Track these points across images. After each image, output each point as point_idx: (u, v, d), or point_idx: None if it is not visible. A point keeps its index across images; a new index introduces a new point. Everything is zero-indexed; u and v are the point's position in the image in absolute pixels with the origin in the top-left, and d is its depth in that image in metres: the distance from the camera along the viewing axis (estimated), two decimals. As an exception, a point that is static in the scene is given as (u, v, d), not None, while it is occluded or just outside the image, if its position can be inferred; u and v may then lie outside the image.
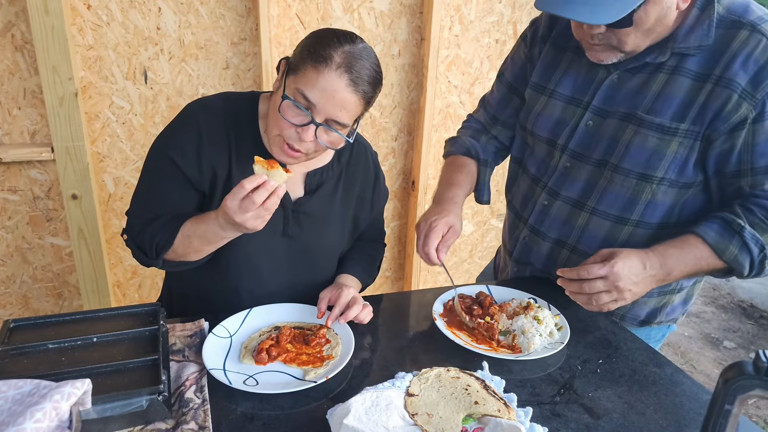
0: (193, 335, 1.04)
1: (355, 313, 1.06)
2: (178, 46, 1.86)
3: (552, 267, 1.30)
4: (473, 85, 2.36)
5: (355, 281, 1.23)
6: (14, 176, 1.81)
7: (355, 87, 0.96)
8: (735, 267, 1.06)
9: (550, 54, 1.27)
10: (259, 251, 1.13)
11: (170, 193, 1.06)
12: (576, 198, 1.22)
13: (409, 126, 2.32)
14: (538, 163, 1.31)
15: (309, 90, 0.95)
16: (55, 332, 0.94)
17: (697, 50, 1.05)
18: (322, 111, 0.97)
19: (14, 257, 1.91)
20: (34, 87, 1.73)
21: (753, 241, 1.04)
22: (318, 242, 1.18)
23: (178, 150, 1.04)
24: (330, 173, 1.17)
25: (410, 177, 2.39)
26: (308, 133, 0.98)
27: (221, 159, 1.06)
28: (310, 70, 0.95)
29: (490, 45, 2.33)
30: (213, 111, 1.07)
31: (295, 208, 1.14)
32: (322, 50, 0.95)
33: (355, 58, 0.96)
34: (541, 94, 1.27)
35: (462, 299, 1.18)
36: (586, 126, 1.18)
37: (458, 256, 2.63)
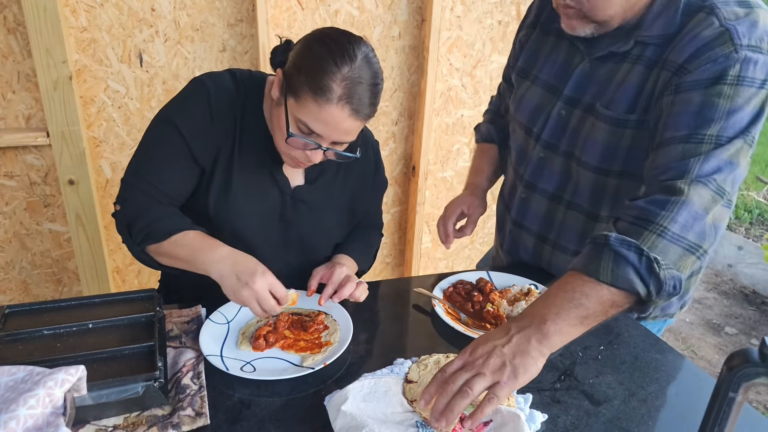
0: (190, 321, 1.03)
1: (349, 292, 1.03)
2: (174, 27, 1.82)
3: (539, 262, 1.28)
4: (475, 68, 2.32)
5: (351, 261, 1.20)
6: (10, 161, 1.80)
7: (357, 115, 0.94)
8: (625, 287, 0.81)
9: (537, 39, 1.24)
10: (256, 237, 1.12)
11: (171, 166, 1.02)
12: (552, 191, 1.18)
13: (410, 110, 2.29)
14: (516, 152, 1.29)
15: (312, 123, 0.94)
16: (51, 318, 0.93)
17: (659, 39, 0.98)
18: (328, 138, 0.96)
19: (12, 243, 1.90)
20: (28, 70, 1.70)
21: (624, 246, 0.82)
22: (315, 230, 1.17)
23: (186, 121, 1.01)
24: (330, 162, 1.14)
25: (411, 162, 2.36)
26: (316, 156, 0.99)
27: (227, 137, 1.04)
28: (310, 102, 0.92)
29: (492, 26, 2.28)
30: (223, 87, 1.04)
31: (294, 196, 1.12)
32: (321, 80, 0.90)
33: (355, 84, 0.91)
34: (525, 79, 1.24)
35: (462, 286, 1.16)
36: (558, 115, 1.14)
37: (459, 242, 2.61)
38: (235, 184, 1.07)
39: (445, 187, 2.47)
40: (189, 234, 1.01)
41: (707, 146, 0.88)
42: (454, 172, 2.46)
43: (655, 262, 0.81)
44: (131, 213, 1.03)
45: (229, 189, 1.06)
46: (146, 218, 1.02)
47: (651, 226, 0.84)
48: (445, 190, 2.48)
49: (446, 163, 2.43)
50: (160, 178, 1.03)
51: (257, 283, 0.93)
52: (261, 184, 1.09)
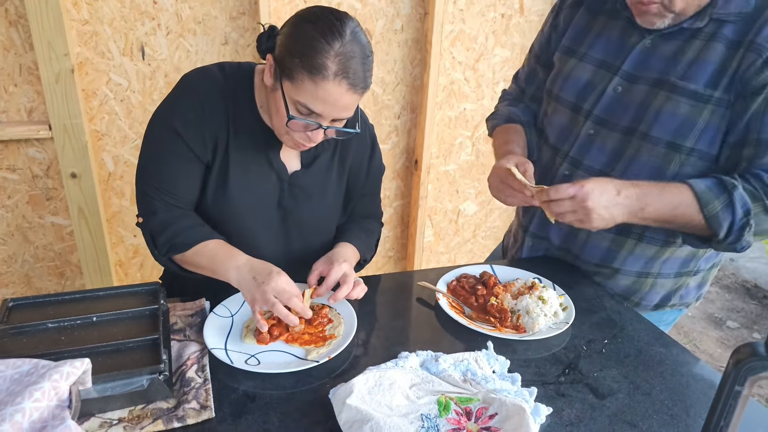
0: (194, 315, 1.03)
1: (345, 294, 1.02)
2: (176, 20, 1.81)
3: (572, 244, 1.27)
4: (478, 61, 2.31)
5: (353, 250, 1.19)
6: (12, 155, 1.79)
7: (354, 89, 0.94)
8: (713, 225, 1.00)
9: (583, 18, 1.24)
10: (256, 225, 1.13)
11: (181, 172, 1.05)
12: (600, 168, 1.18)
13: (412, 103, 2.28)
14: (559, 130, 1.28)
15: (310, 102, 0.94)
16: (55, 311, 0.93)
17: (737, 17, 1.02)
18: (328, 116, 0.97)
19: (15, 236, 1.90)
20: (29, 63, 1.70)
21: (740, 203, 0.99)
22: (313, 215, 1.18)
23: (181, 121, 1.02)
24: (326, 145, 1.16)
25: (413, 156, 2.36)
26: (317, 135, 1.00)
27: (221, 127, 1.05)
28: (306, 82, 0.92)
29: (495, 19, 2.27)
30: (212, 80, 1.05)
31: (291, 181, 1.13)
32: (314, 59, 0.90)
33: (348, 59, 0.92)
34: (571, 57, 1.24)
35: (466, 279, 1.16)
36: (614, 91, 1.15)
37: (461, 236, 2.61)
38: (233, 174, 1.07)
39: (448, 180, 2.47)
40: (209, 244, 1.05)
41: None
42: (456, 165, 2.45)
43: (749, 227, 0.99)
44: (154, 226, 1.06)
45: (226, 179, 1.07)
46: (169, 231, 1.05)
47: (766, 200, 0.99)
48: (447, 184, 2.47)
49: (449, 156, 2.43)
50: (174, 185, 1.06)
51: (273, 280, 0.95)
52: (258, 172, 1.10)
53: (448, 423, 0.75)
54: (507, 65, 2.37)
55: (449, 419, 0.76)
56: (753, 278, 3.41)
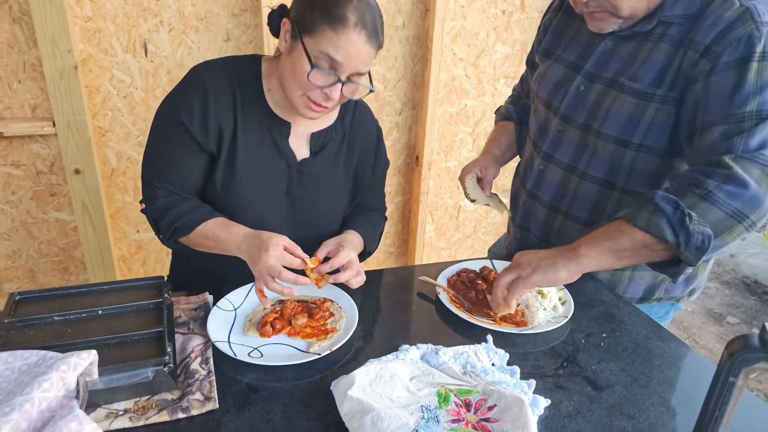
0: (197, 308, 1.05)
1: (346, 278, 1.04)
2: (178, 17, 1.82)
3: (548, 234, 1.32)
4: (479, 58, 2.32)
5: (359, 239, 1.21)
6: (17, 151, 1.81)
7: (371, 40, 0.99)
8: (654, 231, 0.93)
9: (561, 22, 1.31)
10: (265, 212, 1.15)
11: (181, 158, 1.07)
12: (567, 162, 1.24)
13: (413, 100, 2.29)
14: (537, 127, 1.34)
15: (333, 52, 0.97)
16: (61, 305, 0.94)
17: (682, 19, 1.04)
18: (347, 69, 1.00)
19: (19, 232, 1.92)
20: (33, 60, 1.71)
21: (664, 201, 0.94)
22: (321, 202, 1.20)
23: (185, 110, 1.05)
24: (334, 134, 1.18)
25: (414, 152, 2.37)
26: (336, 91, 1.01)
27: (227, 117, 1.07)
28: (328, 32, 0.96)
29: (496, 16, 2.27)
30: (217, 71, 1.08)
31: (300, 169, 1.15)
32: (335, 10, 0.96)
33: (365, 11, 0.98)
34: (548, 59, 1.31)
35: (466, 274, 1.18)
36: (576, 90, 1.20)
37: (462, 231, 2.62)
38: (241, 162, 1.09)
39: (449, 177, 2.48)
40: (209, 224, 1.07)
41: (749, 123, 0.94)
42: (457, 162, 2.46)
43: (688, 217, 0.91)
44: (156, 212, 1.09)
45: (233, 168, 1.09)
46: (170, 215, 1.07)
47: (696, 189, 0.94)
48: (448, 180, 2.48)
49: (449, 153, 2.44)
50: (175, 172, 1.08)
51: (263, 257, 0.96)
52: (267, 159, 1.12)
53: (447, 414, 0.76)
54: (508, 62, 2.38)
55: (449, 410, 0.77)
56: (753, 274, 3.42)
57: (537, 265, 1.00)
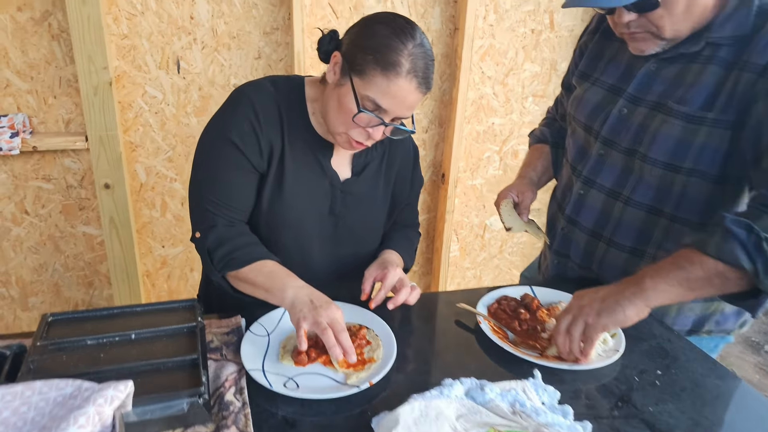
0: (230, 332, 1.01)
1: (404, 298, 1.05)
2: (211, 35, 1.83)
3: (590, 261, 1.26)
4: (507, 76, 2.29)
5: (398, 257, 1.22)
6: (49, 165, 1.82)
7: (421, 87, 0.98)
8: (728, 259, 0.86)
9: (598, 44, 1.28)
10: (309, 231, 1.14)
11: (237, 180, 1.06)
12: (610, 187, 1.19)
13: (441, 117, 2.26)
14: (576, 151, 1.30)
15: (380, 98, 0.97)
16: (93, 327, 0.92)
17: (731, 40, 1.00)
18: (392, 113, 0.99)
19: (47, 245, 1.93)
20: (69, 76, 1.73)
21: (735, 224, 0.87)
22: (363, 221, 1.19)
23: (236, 130, 1.04)
24: (374, 153, 1.18)
25: (440, 170, 2.33)
26: (378, 133, 1.01)
27: (276, 137, 1.07)
28: (379, 78, 0.95)
29: (525, 35, 2.25)
30: (263, 91, 1.07)
31: (343, 189, 1.14)
32: (389, 56, 0.94)
33: (420, 59, 0.96)
34: (585, 82, 1.28)
35: (507, 302, 1.13)
36: (619, 113, 1.16)
37: (487, 251, 2.57)
38: (288, 181, 1.09)
39: (475, 195, 2.44)
40: (268, 263, 1.05)
41: None
42: (483, 180, 2.42)
43: (765, 241, 0.85)
44: (212, 241, 1.06)
45: (281, 187, 1.09)
46: (227, 246, 1.05)
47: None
48: (474, 199, 2.44)
49: (476, 171, 2.40)
50: (232, 196, 1.07)
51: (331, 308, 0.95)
52: (312, 179, 1.12)
53: (497, 458, 0.71)
54: (536, 80, 2.34)
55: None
56: (789, 301, 3.28)
57: (600, 307, 0.93)
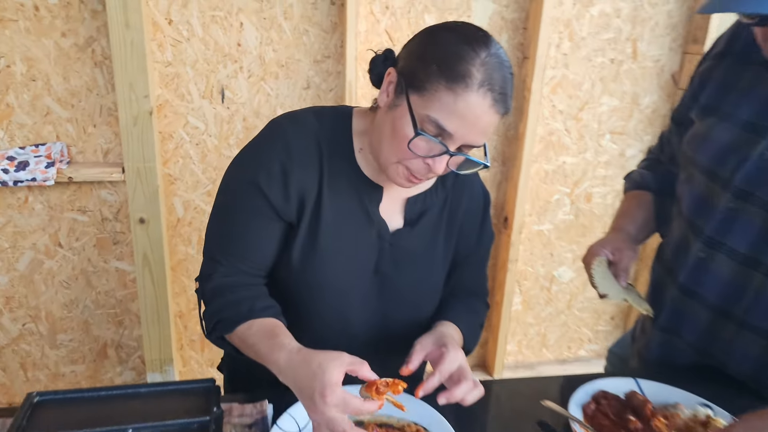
0: (253, 424, 0.81)
1: (462, 395, 0.77)
2: (258, 63, 1.71)
3: (711, 345, 0.99)
4: (582, 111, 2.05)
5: (459, 335, 0.95)
6: (85, 196, 1.72)
7: (497, 106, 0.76)
8: None
9: (729, 71, 1.01)
10: (347, 293, 0.92)
11: (255, 228, 0.88)
12: (745, 252, 0.92)
13: (504, 155, 2.04)
14: (694, 202, 1.03)
15: (444, 118, 0.75)
16: (85, 413, 0.74)
17: None
18: (460, 139, 0.77)
19: (79, 280, 1.82)
20: (110, 104, 1.64)
21: None
22: (416, 282, 0.96)
23: (263, 171, 0.85)
24: (434, 199, 0.95)
25: (503, 212, 2.10)
26: (441, 164, 0.79)
27: (311, 181, 0.87)
28: (443, 93, 0.74)
29: (603, 65, 2.01)
30: (303, 125, 0.88)
31: (393, 241, 0.92)
32: (457, 66, 0.74)
33: (495, 69, 0.75)
34: (710, 116, 1.01)
35: (607, 401, 0.87)
36: (761, 158, 0.90)
37: (554, 306, 2.28)
38: (324, 231, 0.88)
39: (541, 241, 2.17)
40: (255, 325, 0.82)
41: None
42: (552, 225, 2.16)
43: None
44: (209, 292, 0.88)
45: (316, 238, 0.88)
46: (219, 302, 0.86)
47: None
48: (540, 246, 2.18)
49: (543, 215, 2.14)
50: (247, 248, 0.88)
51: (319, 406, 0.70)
52: (354, 229, 0.90)
53: None
54: (615, 116, 2.09)
55: None
56: None
57: None
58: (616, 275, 1.03)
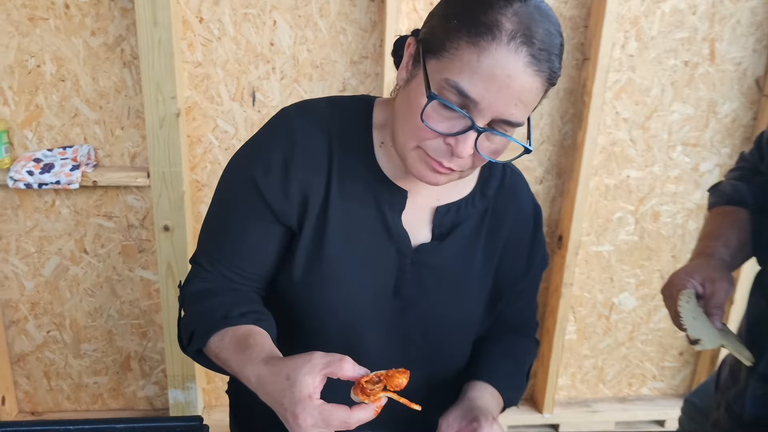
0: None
1: None
2: (292, 64, 1.61)
3: None
4: (650, 119, 1.82)
5: (497, 399, 0.79)
6: (111, 201, 1.67)
7: (538, 65, 0.59)
8: None
9: None
10: (361, 321, 0.76)
11: (247, 229, 0.75)
12: None
13: (560, 166, 1.84)
14: None
15: (467, 80, 0.59)
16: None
17: None
18: (488, 109, 0.60)
19: (104, 288, 1.76)
20: (138, 106, 1.58)
21: None
22: (445, 310, 0.79)
23: (261, 165, 0.72)
24: (470, 209, 0.78)
25: (556, 231, 1.89)
26: (466, 145, 0.61)
27: (316, 180, 0.73)
28: (465, 49, 0.59)
29: (676, 68, 1.79)
30: (314, 116, 0.74)
31: (416, 258, 0.76)
32: (482, 15, 0.59)
33: (533, 20, 0.59)
34: None
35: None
36: None
37: (613, 337, 2.03)
38: (331, 241, 0.73)
39: (600, 264, 1.94)
40: (226, 337, 0.68)
41: None
42: (613, 246, 1.93)
43: None
44: (186, 301, 0.76)
45: (321, 251, 0.73)
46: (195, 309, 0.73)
47: None
48: (599, 269, 1.95)
49: (603, 234, 1.92)
50: (234, 247, 0.75)
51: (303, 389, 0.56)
52: (370, 241, 0.75)
53: None
54: (688, 125, 1.85)
55: None
56: None
57: None
58: (707, 313, 0.82)
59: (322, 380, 0.57)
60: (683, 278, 0.84)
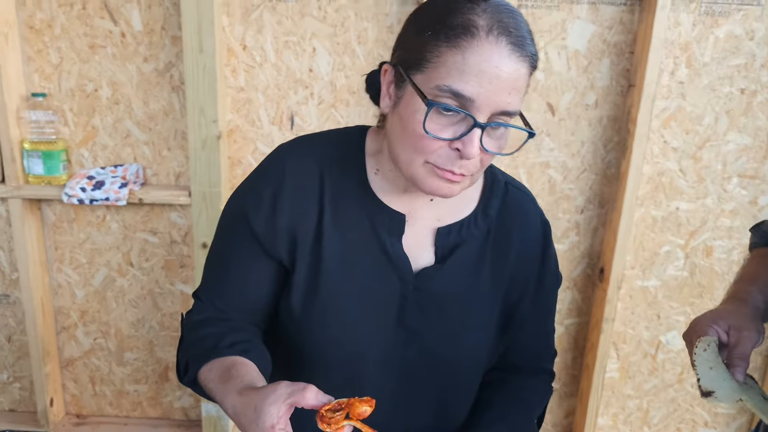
0: None
1: None
2: (330, 90, 1.64)
3: None
4: (701, 149, 1.72)
5: None
6: (156, 217, 1.75)
7: (520, 51, 0.61)
8: None
9: None
10: (364, 357, 0.75)
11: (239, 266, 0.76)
12: None
13: (602, 196, 1.77)
14: None
15: (458, 81, 0.60)
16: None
17: None
18: (486, 104, 0.61)
19: (146, 300, 1.84)
20: (183, 128, 1.66)
21: None
22: (453, 340, 0.76)
23: (255, 204, 0.74)
24: (473, 230, 0.76)
25: (598, 263, 1.80)
26: (473, 144, 0.62)
27: (307, 212, 0.73)
28: (447, 54, 0.61)
29: (731, 96, 1.68)
30: (305, 149, 0.76)
31: (419, 284, 0.74)
32: (453, 19, 0.61)
33: (501, 13, 0.62)
34: None
35: None
36: None
37: (660, 378, 1.90)
38: (328, 272, 0.73)
39: (646, 300, 1.83)
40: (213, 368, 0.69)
41: None
42: (660, 282, 1.82)
43: None
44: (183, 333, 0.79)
45: (318, 283, 0.73)
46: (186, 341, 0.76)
47: None
48: (644, 305, 1.84)
49: (649, 269, 1.81)
50: (229, 284, 0.77)
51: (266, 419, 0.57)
52: (368, 269, 0.74)
53: None
54: (745, 155, 1.73)
55: None
56: None
57: None
58: (730, 364, 0.75)
59: (287, 409, 0.57)
60: (706, 324, 0.77)
